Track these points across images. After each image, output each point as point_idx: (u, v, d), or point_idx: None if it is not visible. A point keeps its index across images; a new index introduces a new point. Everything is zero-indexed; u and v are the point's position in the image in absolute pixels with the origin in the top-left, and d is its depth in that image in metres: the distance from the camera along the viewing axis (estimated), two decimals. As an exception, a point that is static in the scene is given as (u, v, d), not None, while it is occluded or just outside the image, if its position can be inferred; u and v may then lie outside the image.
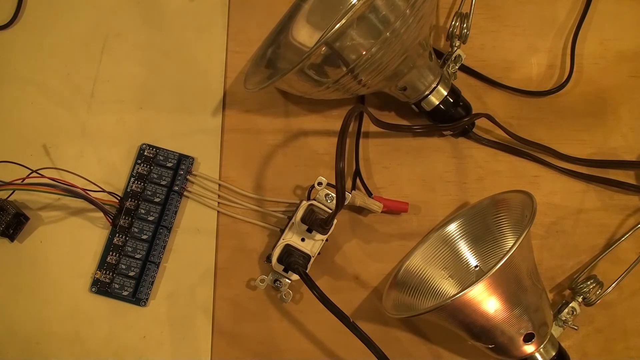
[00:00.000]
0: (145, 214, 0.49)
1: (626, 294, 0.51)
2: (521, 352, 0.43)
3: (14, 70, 0.53)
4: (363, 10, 0.41)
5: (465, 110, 0.51)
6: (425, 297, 0.49)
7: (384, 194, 0.52)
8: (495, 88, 0.55)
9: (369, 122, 0.53)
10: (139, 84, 0.54)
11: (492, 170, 0.53)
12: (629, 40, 0.56)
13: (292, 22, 0.53)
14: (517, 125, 0.54)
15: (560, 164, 0.53)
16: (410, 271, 0.50)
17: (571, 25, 0.56)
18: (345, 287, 0.51)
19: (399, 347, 0.50)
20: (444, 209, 0.52)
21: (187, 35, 0.55)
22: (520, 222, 0.46)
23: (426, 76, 0.48)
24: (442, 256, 0.50)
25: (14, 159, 0.48)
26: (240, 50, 0.55)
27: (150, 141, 0.52)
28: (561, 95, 0.55)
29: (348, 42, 0.42)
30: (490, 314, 0.41)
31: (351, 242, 0.51)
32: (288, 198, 0.52)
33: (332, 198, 0.47)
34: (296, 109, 0.54)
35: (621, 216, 0.53)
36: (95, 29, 0.55)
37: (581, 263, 0.52)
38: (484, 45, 0.56)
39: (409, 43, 0.44)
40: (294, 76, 0.44)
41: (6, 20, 0.54)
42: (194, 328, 0.49)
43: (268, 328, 0.50)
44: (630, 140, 0.54)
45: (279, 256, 0.47)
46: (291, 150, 0.53)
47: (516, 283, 0.41)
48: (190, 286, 0.50)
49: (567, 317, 0.47)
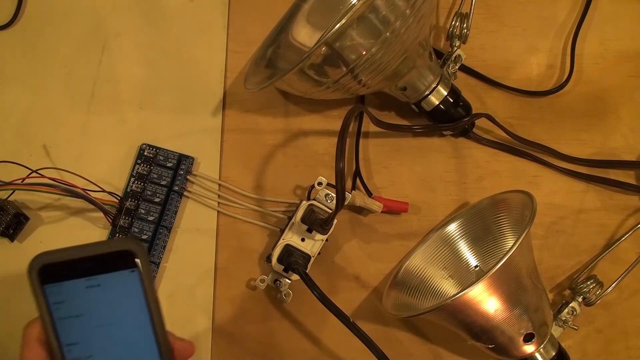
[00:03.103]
0: (145, 214, 0.49)
1: (626, 294, 0.51)
2: (521, 352, 0.43)
3: (14, 70, 0.53)
4: (363, 10, 0.41)
5: (465, 110, 0.51)
6: (425, 297, 0.49)
7: (384, 194, 0.52)
8: (495, 88, 0.55)
9: (369, 122, 0.53)
10: (139, 84, 0.54)
11: (492, 170, 0.53)
12: (629, 40, 0.56)
13: (292, 22, 0.53)
14: (517, 125, 0.54)
15: (560, 164, 0.53)
16: (410, 271, 0.50)
17: (571, 25, 0.56)
18: (345, 287, 0.51)
19: (399, 347, 0.50)
20: (444, 209, 0.52)
21: (187, 35, 0.55)
22: (520, 222, 0.46)
23: (426, 76, 0.48)
24: (442, 256, 0.50)
25: (14, 159, 0.48)
26: (240, 50, 0.55)
27: (150, 141, 0.52)
28: (561, 95, 0.55)
29: (348, 42, 0.42)
30: (490, 314, 0.41)
31: (351, 242, 0.51)
32: (288, 198, 0.52)
33: (332, 198, 0.47)
34: (296, 109, 0.54)
35: (621, 216, 0.53)
36: (95, 29, 0.55)
37: (581, 263, 0.52)
38: (484, 45, 0.56)
39: (409, 43, 0.44)
40: (294, 76, 0.44)
41: (6, 20, 0.54)
42: (194, 328, 0.49)
43: (268, 328, 0.50)
44: (630, 140, 0.54)
45: (279, 256, 0.47)
46: (291, 150, 0.53)
47: (516, 283, 0.41)
48: (190, 286, 0.50)
49: (567, 317, 0.47)
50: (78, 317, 0.31)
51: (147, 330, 0.31)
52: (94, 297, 0.31)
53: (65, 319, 0.30)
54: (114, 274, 0.31)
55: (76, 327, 0.31)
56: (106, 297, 0.31)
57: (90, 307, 0.31)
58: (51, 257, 0.30)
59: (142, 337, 0.31)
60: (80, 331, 0.31)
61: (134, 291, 0.31)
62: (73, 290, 0.30)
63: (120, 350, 0.31)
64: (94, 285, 0.31)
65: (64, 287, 0.30)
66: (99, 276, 0.31)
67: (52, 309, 0.30)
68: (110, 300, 0.31)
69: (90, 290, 0.31)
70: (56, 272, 0.30)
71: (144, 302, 0.31)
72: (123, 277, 0.31)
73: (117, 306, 0.31)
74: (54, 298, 0.30)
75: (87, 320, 0.31)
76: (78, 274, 0.30)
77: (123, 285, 0.31)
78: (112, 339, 0.31)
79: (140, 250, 0.31)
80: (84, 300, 0.31)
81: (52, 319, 0.30)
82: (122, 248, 0.31)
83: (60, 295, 0.30)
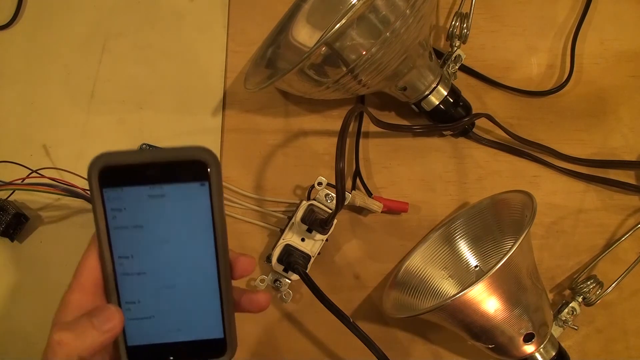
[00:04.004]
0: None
1: (626, 294, 0.51)
2: (521, 352, 0.43)
3: (14, 70, 0.53)
4: (363, 10, 0.41)
5: (465, 110, 0.51)
6: (425, 297, 0.49)
7: (384, 194, 0.52)
8: (495, 88, 0.55)
9: (369, 122, 0.53)
10: (139, 84, 0.54)
11: (492, 170, 0.53)
12: (629, 40, 0.56)
13: (292, 22, 0.53)
14: (517, 125, 0.54)
15: (560, 164, 0.53)
16: (410, 271, 0.50)
17: (571, 25, 0.56)
18: (345, 287, 0.51)
19: (399, 347, 0.50)
20: (444, 209, 0.52)
21: (187, 35, 0.55)
22: (520, 222, 0.46)
23: (426, 76, 0.48)
24: (442, 256, 0.50)
25: (14, 159, 0.48)
26: (240, 50, 0.55)
27: (150, 141, 0.52)
28: (561, 95, 0.55)
29: (348, 42, 0.42)
30: (490, 314, 0.41)
31: (351, 242, 0.51)
32: (288, 198, 0.52)
33: (332, 198, 0.47)
34: (296, 109, 0.54)
35: (621, 216, 0.53)
36: (95, 29, 0.55)
37: (581, 263, 0.52)
38: (484, 45, 0.56)
39: (409, 43, 0.44)
40: (294, 76, 0.44)
41: (6, 20, 0.54)
42: (194, 328, 0.49)
43: (268, 328, 0.50)
44: (630, 140, 0.54)
45: (279, 256, 0.47)
46: (291, 150, 0.53)
47: (516, 283, 0.41)
48: (190, 286, 0.50)
49: (567, 317, 0.47)
50: (136, 229, 0.28)
51: (208, 250, 0.28)
52: (156, 208, 0.28)
53: (122, 228, 0.28)
54: (181, 185, 0.28)
55: (132, 240, 0.28)
56: (170, 210, 0.28)
57: (151, 218, 0.28)
58: (115, 159, 0.27)
59: (203, 258, 0.29)
60: (136, 244, 0.28)
61: (202, 207, 0.28)
62: (135, 198, 0.28)
63: (176, 269, 0.29)
64: (158, 195, 0.28)
65: (125, 193, 0.27)
66: (165, 186, 0.28)
67: (109, 215, 0.28)
68: (174, 214, 0.28)
69: (154, 200, 0.28)
70: (119, 175, 0.27)
71: (210, 220, 0.28)
72: (192, 189, 0.28)
73: (180, 221, 0.28)
74: (112, 204, 0.28)
75: (146, 233, 0.28)
76: (142, 181, 0.27)
77: (190, 198, 0.28)
78: (169, 257, 0.28)
79: (214, 162, 0.28)
80: (145, 210, 0.28)
81: (108, 227, 0.28)
82: (194, 157, 0.27)
83: (119, 202, 0.28)
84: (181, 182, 0.28)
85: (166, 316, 0.29)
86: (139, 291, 0.29)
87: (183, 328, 0.30)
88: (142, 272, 0.29)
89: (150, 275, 0.29)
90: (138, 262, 0.28)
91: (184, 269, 0.29)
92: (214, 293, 0.30)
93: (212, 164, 0.28)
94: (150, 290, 0.29)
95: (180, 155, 0.28)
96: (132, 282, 0.29)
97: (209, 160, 0.28)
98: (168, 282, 0.29)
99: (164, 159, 0.27)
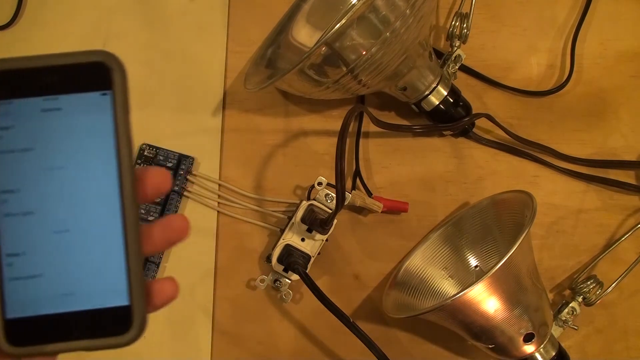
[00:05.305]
0: (145, 214, 0.49)
1: (626, 294, 0.51)
2: (521, 352, 0.43)
3: (14, 70, 0.53)
4: (363, 10, 0.41)
5: (465, 110, 0.51)
6: (425, 297, 0.49)
7: (384, 194, 0.52)
8: (495, 88, 0.55)
9: (369, 122, 0.53)
10: (139, 84, 0.54)
11: (492, 170, 0.53)
12: (629, 40, 0.56)
13: (292, 22, 0.53)
14: (517, 125, 0.54)
15: (560, 164, 0.53)
16: (410, 271, 0.50)
17: (571, 25, 0.56)
18: (345, 287, 0.51)
19: (399, 347, 0.50)
20: (444, 209, 0.52)
21: (187, 35, 0.55)
22: (520, 222, 0.46)
23: (426, 76, 0.48)
24: (442, 256, 0.50)
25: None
26: (240, 50, 0.55)
27: (150, 141, 0.52)
28: (561, 95, 0.55)
29: (348, 42, 0.42)
30: (490, 314, 0.41)
31: (351, 242, 0.51)
32: (288, 198, 0.52)
33: (332, 198, 0.47)
34: (296, 109, 0.54)
35: (621, 216, 0.53)
36: (95, 29, 0.55)
37: (581, 263, 0.52)
38: (484, 45, 0.56)
39: (409, 43, 0.44)
40: (294, 76, 0.44)
41: (6, 20, 0.54)
42: (194, 328, 0.49)
43: (268, 328, 0.50)
44: (630, 140, 0.54)
45: (279, 256, 0.47)
46: (291, 150, 0.53)
47: (516, 283, 0.41)
48: (190, 286, 0.50)
49: (567, 317, 0.47)
50: (24, 153, 0.23)
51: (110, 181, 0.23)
52: (49, 126, 0.23)
53: (7, 153, 0.23)
54: (80, 95, 0.23)
55: (19, 167, 0.23)
56: (65, 128, 0.23)
57: (43, 139, 0.23)
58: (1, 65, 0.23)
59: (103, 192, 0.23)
60: (23, 174, 0.23)
61: (103, 124, 0.23)
62: (25, 113, 0.23)
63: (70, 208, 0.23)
64: (52, 108, 0.23)
65: (14, 106, 0.23)
66: (61, 96, 0.23)
67: None
68: (70, 133, 0.23)
69: (47, 115, 0.23)
70: (5, 85, 0.23)
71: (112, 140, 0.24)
72: (91, 100, 0.23)
73: (77, 142, 0.23)
74: None
75: (36, 159, 0.23)
76: (33, 91, 0.23)
77: (90, 113, 0.23)
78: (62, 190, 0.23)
79: (118, 66, 0.23)
80: (36, 129, 0.23)
81: None
82: (93, 59, 0.23)
83: (6, 118, 0.23)
84: (80, 91, 0.23)
85: (56, 275, 0.23)
86: (24, 239, 0.23)
87: (77, 292, 0.23)
88: (29, 211, 0.23)
89: (38, 215, 0.23)
90: (25, 197, 0.23)
91: (80, 209, 0.23)
92: (116, 242, 0.23)
93: (116, 69, 0.23)
94: (38, 237, 0.23)
95: (79, 58, 0.24)
96: (15, 225, 0.23)
97: (111, 63, 0.23)
98: (60, 225, 0.23)
99: (59, 62, 0.23)
